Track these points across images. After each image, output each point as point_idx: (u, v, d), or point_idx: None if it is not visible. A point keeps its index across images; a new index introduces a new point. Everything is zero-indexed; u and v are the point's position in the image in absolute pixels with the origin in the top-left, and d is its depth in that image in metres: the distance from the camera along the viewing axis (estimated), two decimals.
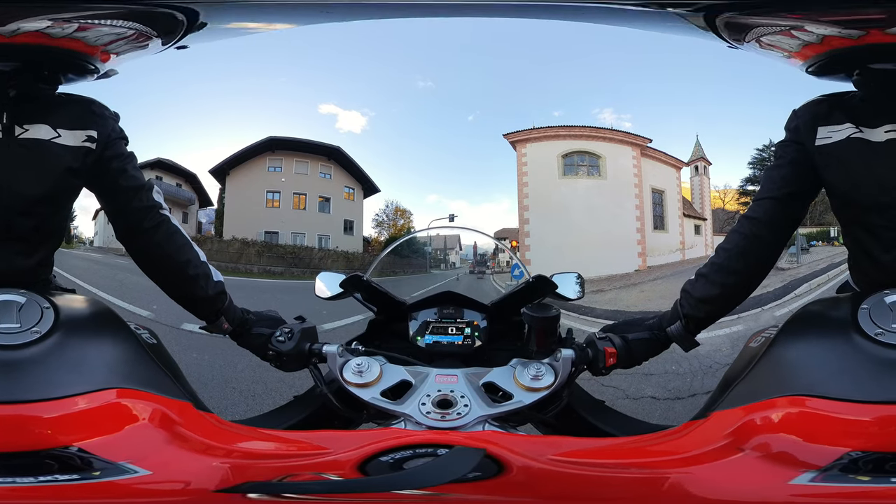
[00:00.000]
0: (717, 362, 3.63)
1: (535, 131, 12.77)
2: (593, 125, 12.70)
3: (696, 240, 14.41)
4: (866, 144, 0.94)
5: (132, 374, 0.70)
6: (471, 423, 0.78)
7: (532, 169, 12.64)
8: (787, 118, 1.07)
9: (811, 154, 1.00)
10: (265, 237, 14.25)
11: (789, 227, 1.05)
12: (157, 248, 0.96)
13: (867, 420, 0.57)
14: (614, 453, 0.66)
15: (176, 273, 0.98)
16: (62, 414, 0.61)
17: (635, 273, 11.87)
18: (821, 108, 1.01)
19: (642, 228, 12.83)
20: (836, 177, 0.99)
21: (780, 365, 0.71)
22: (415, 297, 1.14)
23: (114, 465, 0.57)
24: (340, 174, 15.29)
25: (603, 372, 0.98)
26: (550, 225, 11.99)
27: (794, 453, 0.57)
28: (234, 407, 2.79)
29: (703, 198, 15.03)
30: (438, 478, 0.50)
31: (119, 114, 0.94)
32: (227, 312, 1.03)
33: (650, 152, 13.28)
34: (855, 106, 0.98)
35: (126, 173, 0.94)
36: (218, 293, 1.02)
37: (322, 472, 0.56)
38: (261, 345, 1.01)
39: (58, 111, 0.87)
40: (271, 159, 14.68)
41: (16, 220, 0.90)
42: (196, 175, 15.32)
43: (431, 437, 0.65)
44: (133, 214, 0.94)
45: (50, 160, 0.86)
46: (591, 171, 12.79)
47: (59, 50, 0.80)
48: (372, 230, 15.73)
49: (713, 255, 1.07)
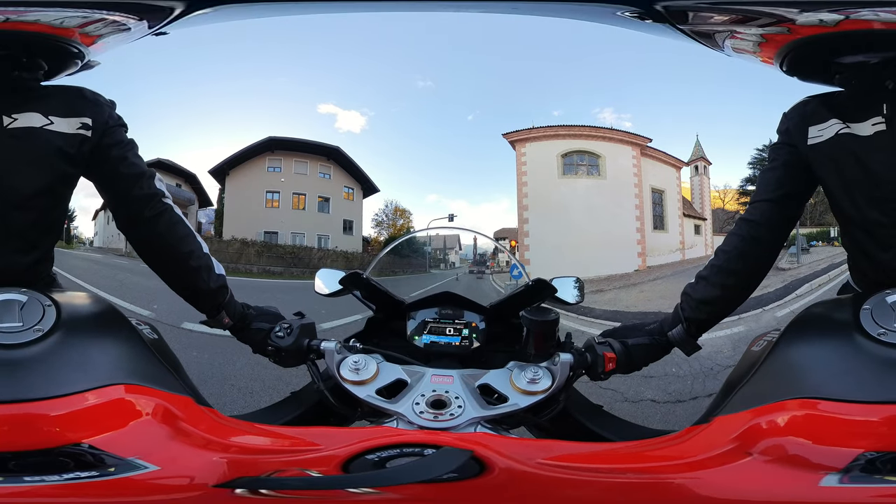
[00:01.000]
0: (719, 364, 3.60)
1: (534, 131, 12.76)
2: (593, 125, 12.70)
3: (696, 240, 14.40)
4: (855, 139, 0.95)
5: (135, 369, 0.69)
6: (463, 424, 0.77)
7: (531, 168, 12.63)
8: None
9: (804, 154, 1.01)
10: (265, 237, 14.25)
11: (786, 227, 1.06)
12: (158, 237, 0.93)
13: (875, 421, 0.56)
14: (610, 458, 0.65)
15: (178, 264, 0.95)
16: (68, 411, 0.60)
17: (635, 273, 11.86)
18: (808, 107, 1.02)
19: (642, 228, 12.83)
20: (830, 174, 1.00)
21: (783, 368, 0.70)
22: (414, 297, 1.14)
23: (124, 461, 0.57)
24: (340, 174, 15.28)
25: (602, 377, 0.97)
26: (550, 225, 11.98)
27: (807, 456, 0.57)
28: (233, 404, 2.79)
29: (703, 198, 15.03)
30: (413, 476, 0.50)
31: (115, 101, 0.91)
32: (228, 307, 1.02)
33: (650, 152, 13.27)
34: (841, 103, 0.98)
35: (126, 160, 0.91)
36: (219, 286, 1.00)
37: (307, 469, 0.56)
38: (260, 340, 1.00)
39: (48, 99, 0.84)
40: (271, 159, 14.67)
41: (11, 214, 0.86)
42: (195, 175, 15.31)
43: (421, 437, 0.65)
44: (134, 203, 0.91)
45: (43, 148, 0.83)
46: (591, 170, 12.79)
47: (35, 35, 0.77)
48: (371, 230, 15.71)
49: (713, 257, 1.07)
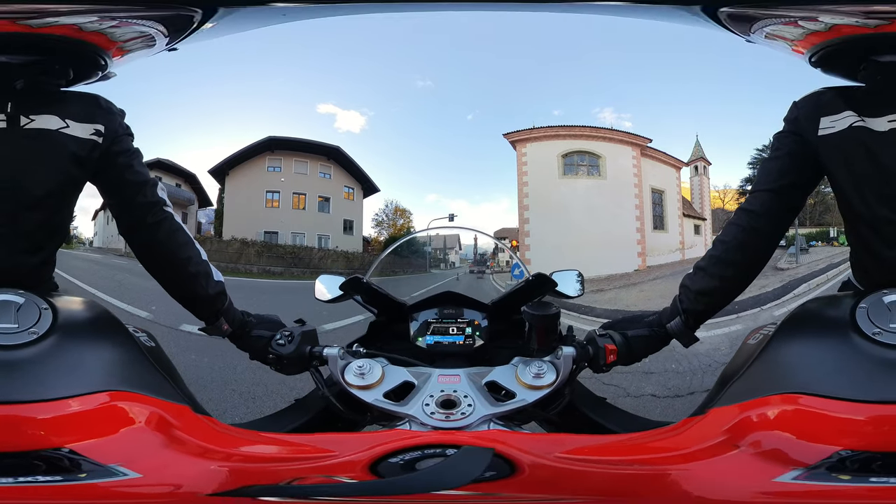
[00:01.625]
0: (716, 361, 3.66)
1: (534, 131, 12.76)
2: (593, 125, 12.70)
3: (696, 240, 14.41)
4: (869, 133, 0.92)
5: (130, 376, 0.69)
6: (476, 422, 0.78)
7: (532, 169, 12.64)
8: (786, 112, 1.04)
9: (814, 145, 0.98)
10: (265, 237, 14.24)
11: (787, 218, 1.04)
12: (158, 244, 0.96)
13: (861, 419, 0.57)
14: (617, 450, 0.66)
15: (176, 270, 0.97)
16: (56, 415, 0.60)
17: (635, 273, 11.87)
18: (823, 98, 0.99)
19: (642, 228, 12.83)
20: (839, 167, 0.97)
21: (776, 362, 0.70)
22: (415, 298, 1.14)
23: (103, 468, 0.56)
24: (340, 174, 15.28)
25: (604, 369, 0.97)
26: (550, 225, 11.98)
27: (786, 451, 0.57)
28: (235, 409, 2.78)
29: (703, 198, 15.03)
30: (458, 479, 0.50)
31: (125, 111, 0.96)
32: (227, 313, 1.02)
33: (650, 152, 13.28)
34: (858, 97, 0.96)
35: (132, 168, 0.95)
36: (218, 293, 1.01)
37: (332, 475, 0.56)
38: (260, 348, 1.00)
39: (66, 104, 0.88)
40: (270, 159, 14.66)
41: (22, 215, 0.89)
42: (195, 175, 15.30)
43: (439, 438, 0.65)
44: (137, 209, 0.94)
45: (57, 150, 0.86)
46: (591, 170, 12.79)
47: (80, 42, 0.82)
48: (371, 230, 15.71)
49: (710, 247, 1.06)
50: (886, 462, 0.54)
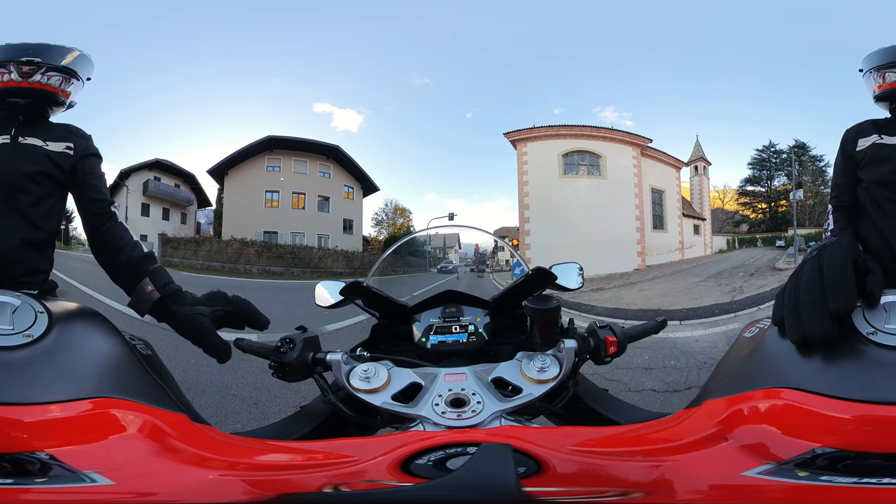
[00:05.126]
0: (713, 358, 3.72)
1: (535, 130, 12.76)
2: (594, 124, 12.71)
3: (695, 239, 14.42)
4: (885, 147, 1.42)
5: (123, 384, 0.68)
6: (487, 419, 0.78)
7: (532, 168, 12.64)
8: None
9: (854, 157, 1.49)
10: (264, 237, 14.21)
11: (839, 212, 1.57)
12: (102, 234, 1.21)
13: (846, 418, 0.56)
14: (621, 441, 0.65)
15: (107, 248, 1.18)
16: (42, 419, 0.59)
17: (634, 272, 11.87)
18: (861, 126, 1.48)
19: (642, 228, 12.84)
20: (866, 171, 1.45)
21: (769, 356, 0.70)
22: (416, 298, 1.14)
23: (74, 473, 0.54)
24: (339, 173, 15.26)
25: (605, 360, 0.98)
26: (550, 224, 11.99)
27: (768, 445, 0.57)
28: (236, 416, 2.77)
29: (703, 198, 15.05)
30: (507, 478, 0.48)
31: (91, 135, 1.33)
32: (154, 275, 1.08)
33: (650, 152, 13.28)
34: (884, 124, 1.46)
35: (94, 174, 1.26)
36: (143, 256, 1.14)
37: (364, 480, 0.54)
38: (199, 325, 1.02)
39: (47, 130, 1.24)
40: (270, 159, 14.64)
41: (16, 195, 1.16)
42: (194, 175, 15.27)
43: (456, 437, 0.64)
44: (92, 204, 1.23)
45: (39, 158, 1.23)
46: (592, 170, 12.80)
47: (46, 92, 1.24)
48: (371, 229, 15.74)
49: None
50: (858, 463, 0.54)
